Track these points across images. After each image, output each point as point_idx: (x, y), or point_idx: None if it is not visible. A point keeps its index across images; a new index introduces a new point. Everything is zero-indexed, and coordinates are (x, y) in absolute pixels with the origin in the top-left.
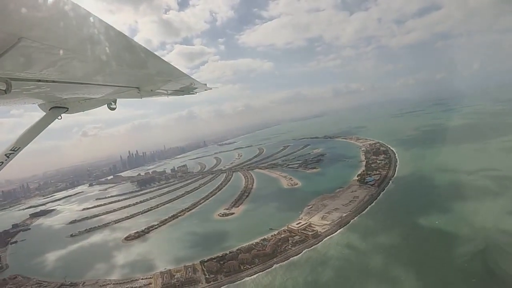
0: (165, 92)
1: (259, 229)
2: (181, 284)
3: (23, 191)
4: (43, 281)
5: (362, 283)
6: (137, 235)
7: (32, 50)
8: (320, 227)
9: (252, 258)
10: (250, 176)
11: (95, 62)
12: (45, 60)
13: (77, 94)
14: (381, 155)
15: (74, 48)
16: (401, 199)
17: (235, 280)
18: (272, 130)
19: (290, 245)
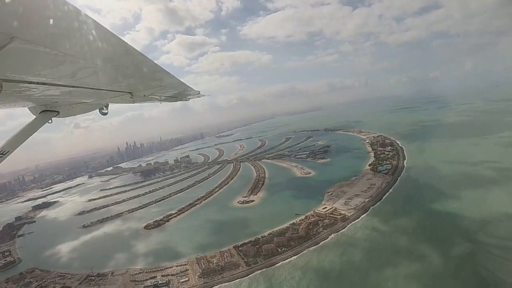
0: (158, 98)
1: (283, 215)
2: (221, 269)
3: (19, 184)
4: (65, 273)
5: (392, 260)
6: (157, 224)
7: (24, 51)
8: (346, 211)
9: (287, 241)
10: (260, 166)
11: (88, 65)
12: (37, 62)
13: (69, 98)
14: (387, 146)
15: (67, 50)
16: (414, 187)
17: (275, 262)
18: (268, 123)
19: (321, 228)
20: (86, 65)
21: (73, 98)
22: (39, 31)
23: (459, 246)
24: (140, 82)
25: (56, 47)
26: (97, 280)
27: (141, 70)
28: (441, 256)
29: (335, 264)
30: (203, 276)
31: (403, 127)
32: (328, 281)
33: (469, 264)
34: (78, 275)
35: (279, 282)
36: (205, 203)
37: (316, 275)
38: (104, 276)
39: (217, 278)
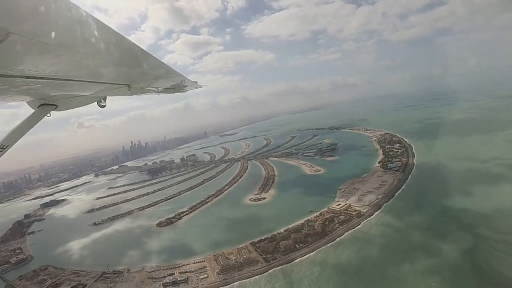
0: (155, 89)
1: (297, 211)
2: (240, 265)
3: (25, 182)
4: (79, 271)
5: (408, 255)
6: (169, 222)
7: (21, 46)
8: (360, 207)
9: (304, 237)
10: (268, 164)
11: (85, 58)
12: (34, 56)
13: (66, 91)
14: (395, 144)
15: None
16: (426, 183)
17: (294, 259)
18: (271, 122)
19: (337, 224)
20: (83, 58)
21: (70, 91)
22: (35, 26)
23: (473, 241)
24: (137, 74)
25: (52, 42)
26: (113, 278)
27: (138, 62)
28: (456, 251)
29: (353, 260)
30: (222, 272)
31: (409, 125)
32: (346, 277)
33: (484, 258)
34: (93, 273)
35: (299, 278)
36: (216, 201)
37: (335, 270)
38: (119, 273)
39: (236, 275)
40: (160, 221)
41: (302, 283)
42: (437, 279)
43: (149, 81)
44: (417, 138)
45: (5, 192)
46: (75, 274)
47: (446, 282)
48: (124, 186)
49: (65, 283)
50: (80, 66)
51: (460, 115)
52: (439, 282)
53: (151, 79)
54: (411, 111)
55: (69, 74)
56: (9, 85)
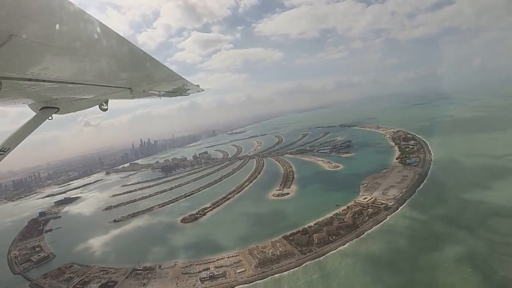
0: (157, 93)
1: (323, 206)
2: (277, 258)
3: (35, 181)
4: (107, 268)
5: (436, 245)
6: (194, 218)
7: (23, 48)
8: (386, 201)
9: (336, 230)
10: (284, 161)
11: (87, 61)
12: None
13: (68, 94)
14: (410, 141)
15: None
16: (445, 178)
17: (329, 250)
18: (278, 120)
19: (366, 217)
20: (85, 61)
21: (72, 94)
22: (37, 28)
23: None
24: (139, 78)
25: (55, 45)
26: (145, 274)
27: (140, 66)
28: (481, 240)
29: (384, 251)
30: (260, 265)
31: (418, 123)
32: (380, 268)
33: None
34: (122, 270)
35: (335, 270)
36: (238, 197)
37: (368, 262)
38: (151, 269)
39: (274, 267)
40: (184, 217)
41: (338, 274)
42: (469, 267)
43: (151, 85)
44: (429, 136)
45: (15, 191)
46: (103, 271)
47: (478, 270)
48: (138, 183)
49: (94, 280)
50: (83, 69)
51: (468, 113)
52: (471, 270)
53: (153, 82)
54: (418, 109)
55: (71, 77)
56: (11, 87)
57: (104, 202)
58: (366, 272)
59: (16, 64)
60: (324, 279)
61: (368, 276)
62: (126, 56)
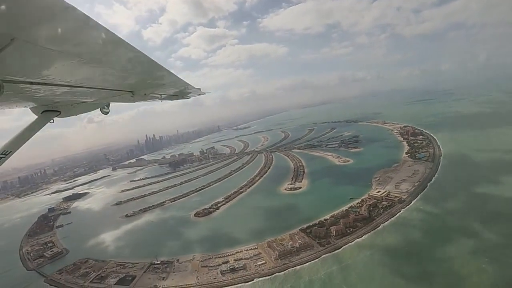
0: (158, 96)
1: (337, 199)
2: (297, 250)
3: (41, 177)
4: (124, 262)
5: (450, 237)
6: (208, 212)
7: (25, 52)
8: (399, 194)
9: (353, 222)
10: (293, 156)
11: (89, 65)
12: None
13: (70, 98)
14: (418, 136)
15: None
16: (456, 172)
17: (347, 242)
18: (282, 116)
19: (381, 209)
20: (87, 65)
21: (74, 98)
22: (39, 32)
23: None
24: (141, 81)
25: (57, 48)
26: (163, 268)
27: (142, 69)
28: (495, 232)
29: (400, 243)
30: (280, 257)
31: (425, 118)
32: (397, 259)
33: None
34: (140, 264)
35: (354, 261)
36: (250, 191)
37: (385, 253)
38: (169, 263)
39: (294, 259)
40: (197, 212)
41: (357, 266)
42: (486, 258)
43: (152, 88)
44: (437, 131)
45: (21, 187)
46: (120, 266)
47: (495, 261)
48: (146, 178)
49: (111, 275)
50: (84, 73)
51: (475, 109)
52: (488, 261)
53: (154, 86)
54: (424, 105)
55: (73, 80)
56: (13, 90)
57: (112, 197)
58: (384, 263)
59: (18, 68)
60: (343, 271)
61: (386, 267)
62: (128, 60)
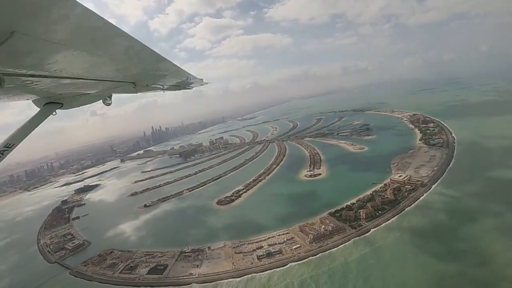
0: (160, 87)
1: (359, 184)
2: (330, 233)
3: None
4: (152, 252)
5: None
6: (230, 200)
7: (25, 44)
8: (420, 178)
9: (381, 205)
10: (306, 144)
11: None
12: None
13: (72, 90)
14: (429, 123)
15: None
16: (470, 158)
17: (378, 224)
18: (286, 106)
19: (406, 193)
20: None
21: (76, 89)
22: (39, 24)
23: None
24: (143, 72)
25: (57, 40)
26: (195, 256)
27: (144, 60)
28: None
29: (427, 224)
30: (314, 241)
31: (431, 107)
32: (426, 238)
33: None
34: (169, 253)
35: (385, 243)
36: (269, 179)
37: (413, 234)
38: (200, 251)
39: (329, 242)
40: (219, 200)
41: (389, 247)
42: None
43: (154, 79)
44: (445, 119)
45: (28, 181)
46: (148, 255)
47: None
48: (158, 169)
49: (141, 265)
50: (86, 64)
51: (480, 97)
52: None
53: (156, 77)
54: (428, 94)
55: (74, 72)
56: (15, 83)
57: (125, 188)
58: (414, 243)
59: (19, 60)
60: (376, 252)
61: (416, 247)
62: (130, 51)
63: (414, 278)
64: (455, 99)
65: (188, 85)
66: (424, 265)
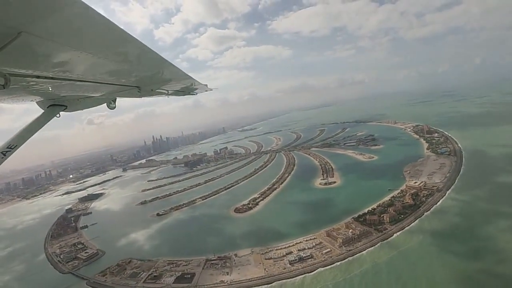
0: (165, 92)
1: (375, 191)
2: (358, 237)
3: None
4: (175, 260)
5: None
6: (247, 207)
7: (32, 45)
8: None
9: (402, 209)
10: (314, 154)
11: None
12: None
13: (76, 92)
14: (434, 133)
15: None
16: (477, 165)
17: (403, 227)
18: (285, 118)
19: (424, 198)
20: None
21: (80, 92)
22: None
23: None
24: (148, 77)
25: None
26: (222, 263)
27: (149, 65)
28: None
29: (446, 227)
30: (344, 244)
31: (431, 118)
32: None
33: None
34: (194, 261)
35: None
36: (283, 187)
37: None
38: (227, 258)
39: (358, 245)
40: (236, 208)
41: (414, 248)
42: None
43: (159, 84)
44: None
45: (26, 189)
46: (171, 264)
47: None
48: (164, 178)
49: (165, 274)
50: (91, 67)
51: (477, 109)
52: None
53: (161, 81)
54: (426, 106)
55: (79, 74)
56: (20, 84)
57: (131, 197)
58: (437, 245)
59: (25, 61)
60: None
61: (440, 248)
62: (135, 55)
63: (442, 275)
64: (452, 111)
65: (193, 90)
66: (450, 264)
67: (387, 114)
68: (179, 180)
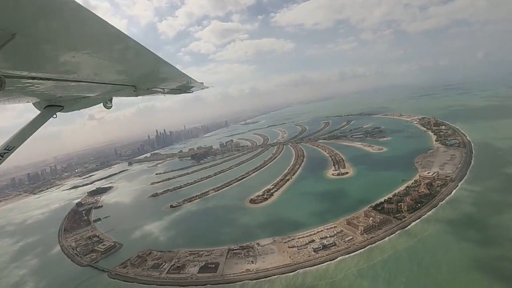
0: (161, 90)
1: (388, 181)
2: (378, 224)
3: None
4: (197, 251)
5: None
6: (263, 198)
7: (27, 47)
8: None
9: (419, 198)
10: (322, 146)
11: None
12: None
13: (73, 92)
14: (441, 126)
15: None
16: (486, 157)
17: (421, 215)
18: (287, 111)
19: (438, 187)
20: (89, 59)
21: (77, 92)
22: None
23: None
24: (143, 76)
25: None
26: (245, 253)
27: (145, 64)
28: None
29: (461, 216)
30: (365, 232)
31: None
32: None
33: None
34: (216, 251)
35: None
36: (296, 178)
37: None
38: (250, 247)
39: (379, 232)
40: (251, 199)
41: (432, 236)
42: None
43: (155, 82)
44: (452, 121)
45: (31, 184)
46: (193, 254)
47: None
48: (172, 171)
49: (188, 264)
50: (87, 67)
51: (482, 102)
52: None
53: (157, 80)
54: (429, 99)
55: (75, 75)
56: (15, 86)
57: (141, 190)
58: (454, 232)
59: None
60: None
61: (457, 236)
62: (131, 54)
63: (461, 260)
64: (456, 104)
65: (189, 88)
66: (468, 250)
67: (390, 107)
68: (188, 173)
